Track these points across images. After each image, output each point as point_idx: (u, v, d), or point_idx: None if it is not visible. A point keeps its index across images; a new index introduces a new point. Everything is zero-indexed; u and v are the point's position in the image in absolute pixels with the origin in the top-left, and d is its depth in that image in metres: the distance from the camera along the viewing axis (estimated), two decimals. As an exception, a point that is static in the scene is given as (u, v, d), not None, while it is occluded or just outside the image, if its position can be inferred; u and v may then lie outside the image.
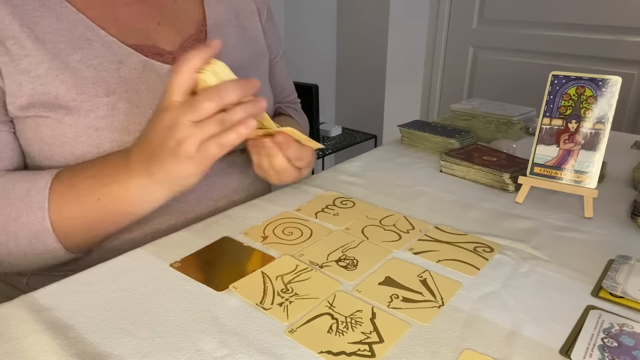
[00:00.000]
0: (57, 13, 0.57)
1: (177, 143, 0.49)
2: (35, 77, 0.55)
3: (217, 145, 0.50)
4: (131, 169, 0.53)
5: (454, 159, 0.79)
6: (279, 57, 0.85)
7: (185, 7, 0.68)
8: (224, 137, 0.50)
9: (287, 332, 0.42)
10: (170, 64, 0.63)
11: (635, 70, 1.83)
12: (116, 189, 0.53)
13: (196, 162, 0.51)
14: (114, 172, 0.54)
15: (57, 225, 0.53)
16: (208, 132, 0.49)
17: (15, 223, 0.53)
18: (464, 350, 0.40)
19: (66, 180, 0.55)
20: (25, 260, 0.55)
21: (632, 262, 0.53)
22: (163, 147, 0.50)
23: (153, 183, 0.53)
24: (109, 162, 0.56)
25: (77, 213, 0.54)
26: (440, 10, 2.29)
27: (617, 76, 0.63)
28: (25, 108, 0.55)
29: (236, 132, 0.50)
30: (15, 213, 0.53)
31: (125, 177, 0.53)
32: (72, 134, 0.56)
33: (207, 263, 0.53)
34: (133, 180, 0.53)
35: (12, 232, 0.53)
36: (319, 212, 0.65)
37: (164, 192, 0.55)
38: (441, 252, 0.55)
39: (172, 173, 0.51)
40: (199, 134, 0.49)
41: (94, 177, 0.54)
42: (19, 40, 0.54)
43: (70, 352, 0.39)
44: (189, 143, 0.49)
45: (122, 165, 0.54)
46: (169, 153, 0.50)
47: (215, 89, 0.49)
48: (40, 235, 0.53)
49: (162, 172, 0.52)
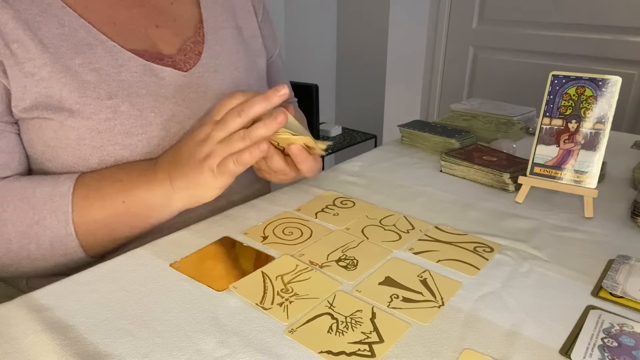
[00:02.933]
0: (58, 18, 0.57)
1: (204, 155, 0.54)
2: (39, 80, 0.55)
3: (235, 162, 0.54)
4: (157, 174, 0.57)
5: (454, 159, 0.79)
6: (275, 56, 0.85)
7: (181, 9, 0.69)
8: (240, 155, 0.54)
9: (287, 332, 0.42)
10: (170, 67, 0.63)
11: (635, 70, 1.83)
12: (141, 192, 0.56)
13: (216, 178, 0.55)
14: (141, 177, 0.57)
15: (80, 229, 0.55)
16: (232, 148, 0.54)
17: (38, 226, 0.54)
18: (464, 350, 0.40)
19: (92, 184, 0.56)
20: (43, 263, 0.56)
21: (632, 262, 0.53)
22: (191, 157, 0.55)
23: (174, 190, 0.56)
24: (136, 167, 0.59)
25: (100, 216, 0.55)
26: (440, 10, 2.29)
27: (617, 76, 0.63)
28: (29, 110, 0.55)
29: (250, 153, 0.53)
30: (38, 216, 0.54)
31: (151, 181, 0.57)
32: (75, 136, 0.57)
33: (207, 263, 0.53)
34: (157, 185, 0.56)
35: (34, 235, 0.54)
36: (319, 212, 0.65)
37: (182, 201, 0.58)
38: (441, 252, 0.55)
39: (193, 182, 0.55)
40: (225, 150, 0.54)
41: (120, 181, 0.57)
42: (23, 44, 0.54)
43: (70, 352, 0.39)
44: (213, 158, 0.54)
45: (150, 170, 0.57)
46: (195, 164, 0.55)
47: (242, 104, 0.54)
48: (62, 239, 0.54)
49: (184, 180, 0.55)
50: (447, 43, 2.32)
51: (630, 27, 1.79)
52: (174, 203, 0.57)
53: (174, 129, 0.62)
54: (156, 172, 0.57)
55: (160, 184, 0.56)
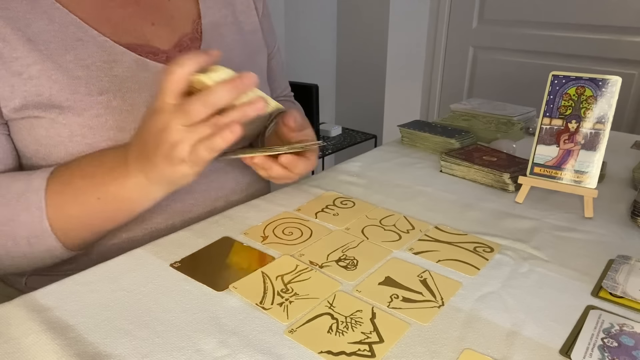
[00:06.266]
0: (48, 15, 0.56)
1: (170, 147, 0.49)
2: (28, 79, 0.54)
3: (206, 148, 0.49)
4: (129, 168, 0.53)
5: (454, 159, 0.79)
6: (274, 52, 0.85)
7: (179, 5, 0.68)
8: (212, 141, 0.49)
9: (287, 332, 0.42)
10: (164, 63, 0.62)
11: (635, 70, 1.83)
12: (115, 188, 0.53)
13: (189, 165, 0.50)
14: (112, 172, 0.54)
15: (56, 224, 0.53)
16: (200, 135, 0.48)
17: (13, 223, 0.53)
18: (464, 350, 0.40)
19: (63, 179, 0.54)
20: (25, 260, 0.55)
21: (632, 262, 0.53)
22: (157, 149, 0.50)
23: (150, 183, 0.53)
24: (105, 161, 0.55)
25: (76, 211, 0.54)
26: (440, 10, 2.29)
27: (617, 76, 0.63)
28: (19, 110, 0.55)
29: (222, 137, 0.49)
30: (12, 213, 0.52)
31: (123, 176, 0.53)
32: (66, 134, 0.56)
33: (207, 263, 0.53)
34: (131, 180, 0.53)
35: (10, 232, 0.53)
36: (319, 212, 0.65)
37: (161, 191, 0.55)
38: (441, 252, 0.55)
39: (167, 174, 0.52)
40: (191, 138, 0.48)
41: (92, 176, 0.54)
42: (9, 43, 0.54)
43: (70, 352, 0.39)
44: (181, 147, 0.49)
45: (120, 164, 0.54)
46: (163, 156, 0.50)
47: (208, 92, 0.48)
48: (39, 235, 0.53)
49: (157, 174, 0.52)
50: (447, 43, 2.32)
51: (630, 27, 1.79)
52: (152, 194, 0.55)
53: None
54: (127, 166, 0.54)
55: (134, 179, 0.53)
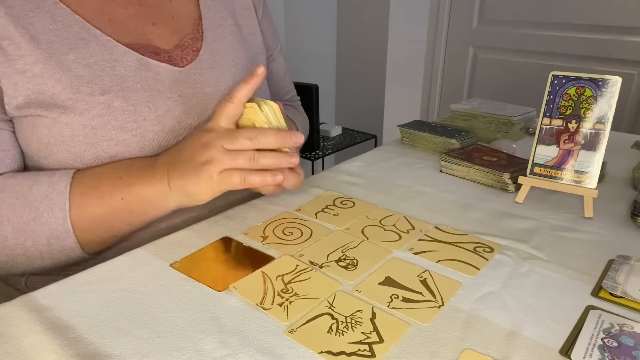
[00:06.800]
0: (52, 14, 0.57)
1: (205, 161, 0.54)
2: (31, 77, 0.55)
3: (240, 178, 0.54)
4: (156, 171, 0.57)
5: (454, 159, 0.79)
6: (276, 54, 0.85)
7: (180, 6, 0.69)
8: (250, 175, 0.54)
9: (287, 332, 0.42)
10: (166, 63, 0.63)
11: (635, 70, 1.83)
12: (140, 189, 0.56)
13: (213, 184, 0.54)
14: (140, 173, 0.57)
15: (78, 225, 0.55)
16: (236, 163, 0.54)
17: (35, 223, 0.54)
18: (464, 350, 0.40)
19: (89, 181, 0.56)
20: (40, 260, 0.56)
21: (632, 262, 0.53)
22: (191, 160, 0.55)
23: (170, 190, 0.56)
24: (135, 165, 0.59)
25: (98, 212, 0.56)
26: (440, 10, 2.29)
27: (617, 76, 0.63)
28: (22, 108, 0.55)
29: (262, 177, 0.55)
30: (35, 213, 0.54)
31: (150, 177, 0.57)
32: (68, 133, 0.57)
33: (207, 263, 0.53)
34: (155, 182, 0.56)
35: (31, 232, 0.54)
36: (319, 212, 0.65)
37: (176, 201, 0.58)
38: (441, 252, 0.55)
39: (188, 185, 0.55)
40: (227, 162, 0.54)
41: (120, 178, 0.57)
42: (14, 41, 0.54)
43: (70, 352, 0.39)
44: (214, 165, 0.54)
45: (149, 167, 0.58)
46: (194, 167, 0.54)
47: (258, 131, 0.54)
48: (60, 236, 0.54)
49: (180, 181, 0.55)
50: (447, 43, 2.32)
51: (630, 27, 1.79)
52: (169, 202, 0.58)
53: (169, 124, 0.62)
54: (155, 170, 0.57)
55: (158, 182, 0.56)
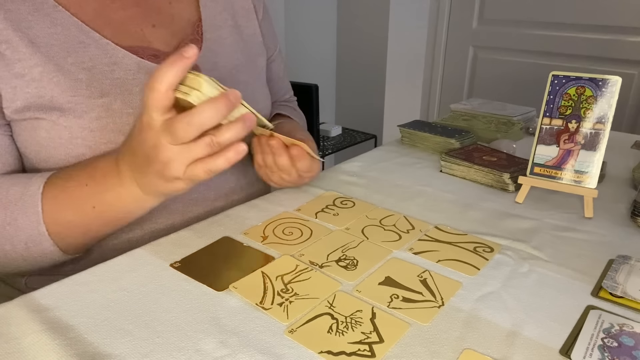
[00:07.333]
0: (51, 17, 0.57)
1: (162, 165, 0.47)
2: (30, 80, 0.55)
3: (204, 170, 0.48)
4: (122, 178, 0.52)
5: (454, 159, 0.79)
6: (275, 55, 0.85)
7: (180, 8, 0.68)
8: (211, 163, 0.47)
9: (287, 332, 0.42)
10: None
11: (635, 70, 1.83)
12: (110, 198, 0.53)
13: (185, 182, 0.49)
14: (106, 181, 0.53)
15: (53, 229, 0.53)
16: (194, 155, 0.47)
17: (10, 227, 0.53)
18: (464, 350, 0.40)
19: (59, 184, 0.54)
20: (24, 262, 0.55)
21: (632, 262, 0.53)
22: (149, 165, 0.49)
23: (144, 194, 0.53)
24: (99, 169, 0.54)
25: (72, 217, 0.54)
26: (440, 10, 2.29)
27: (617, 76, 0.63)
28: (21, 111, 0.55)
29: (225, 158, 0.47)
30: (10, 217, 0.53)
31: (118, 186, 0.53)
32: (67, 136, 0.56)
33: (207, 263, 0.53)
34: (125, 189, 0.53)
35: (8, 235, 0.53)
36: (319, 212, 0.65)
37: (156, 200, 0.55)
38: (441, 252, 0.55)
39: (160, 188, 0.51)
40: (185, 157, 0.47)
41: (85, 184, 0.54)
42: (12, 45, 0.54)
43: (70, 352, 0.39)
44: (174, 166, 0.47)
45: (113, 173, 0.53)
46: (156, 172, 0.49)
47: (193, 113, 0.45)
48: (36, 239, 0.53)
49: (151, 188, 0.51)
50: (447, 43, 2.32)
51: (630, 27, 1.79)
52: (145, 204, 0.55)
53: None
54: (120, 177, 0.53)
55: (127, 190, 0.53)
